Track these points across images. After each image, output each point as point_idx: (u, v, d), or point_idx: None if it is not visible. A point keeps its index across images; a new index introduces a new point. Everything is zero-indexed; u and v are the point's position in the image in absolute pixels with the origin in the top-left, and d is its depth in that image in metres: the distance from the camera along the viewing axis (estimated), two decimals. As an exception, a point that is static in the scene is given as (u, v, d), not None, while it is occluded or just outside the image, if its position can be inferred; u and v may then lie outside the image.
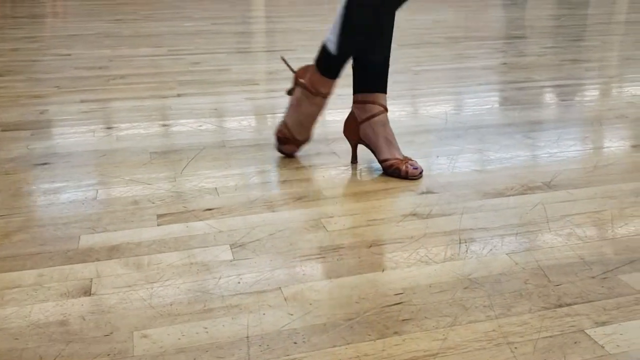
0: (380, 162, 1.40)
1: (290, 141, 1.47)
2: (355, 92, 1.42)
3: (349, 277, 0.98)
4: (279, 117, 1.85)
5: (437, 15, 4.31)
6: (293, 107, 1.45)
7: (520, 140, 1.64)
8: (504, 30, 3.67)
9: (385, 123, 1.40)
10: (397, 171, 1.37)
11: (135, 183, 1.35)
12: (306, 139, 1.48)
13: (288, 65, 1.49)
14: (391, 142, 1.40)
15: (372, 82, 1.40)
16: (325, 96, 1.42)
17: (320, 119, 1.55)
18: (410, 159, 1.39)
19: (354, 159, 1.47)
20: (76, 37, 3.27)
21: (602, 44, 3.17)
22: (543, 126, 1.76)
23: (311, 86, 1.41)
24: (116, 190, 1.31)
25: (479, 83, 2.29)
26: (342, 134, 1.52)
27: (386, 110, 1.41)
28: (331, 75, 1.40)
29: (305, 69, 1.44)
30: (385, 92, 1.41)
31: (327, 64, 1.38)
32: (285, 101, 2.02)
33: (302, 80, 1.43)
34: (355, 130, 1.43)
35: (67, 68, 2.52)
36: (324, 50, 1.39)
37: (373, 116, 1.39)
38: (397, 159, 1.39)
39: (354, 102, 1.42)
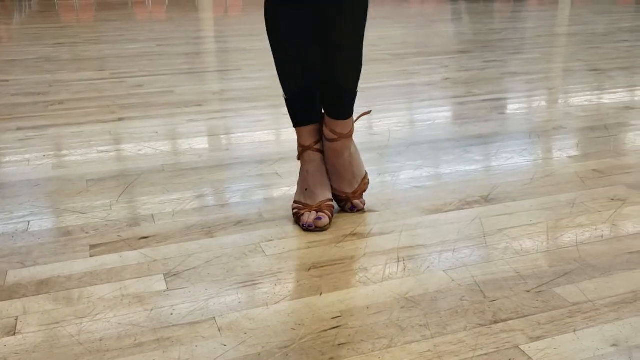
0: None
1: (303, 209, 1.25)
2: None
3: (286, 303, 0.97)
4: (221, 138, 1.83)
5: (384, 32, 4.36)
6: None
7: (460, 155, 1.65)
8: (447, 45, 3.73)
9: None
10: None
11: (69, 213, 1.31)
12: (320, 203, 1.25)
13: None
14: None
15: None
16: (306, 147, 1.27)
17: (324, 177, 1.29)
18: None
19: None
20: (15, 62, 3.19)
21: (542, 56, 3.24)
22: (482, 140, 1.79)
23: (298, 145, 1.30)
24: (48, 221, 1.27)
25: (421, 99, 2.31)
26: (286, 155, 1.50)
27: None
28: (296, 122, 1.27)
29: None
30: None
31: (290, 111, 1.28)
32: (227, 122, 2.01)
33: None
34: None
35: (4, 95, 2.45)
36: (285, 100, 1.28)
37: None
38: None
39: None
